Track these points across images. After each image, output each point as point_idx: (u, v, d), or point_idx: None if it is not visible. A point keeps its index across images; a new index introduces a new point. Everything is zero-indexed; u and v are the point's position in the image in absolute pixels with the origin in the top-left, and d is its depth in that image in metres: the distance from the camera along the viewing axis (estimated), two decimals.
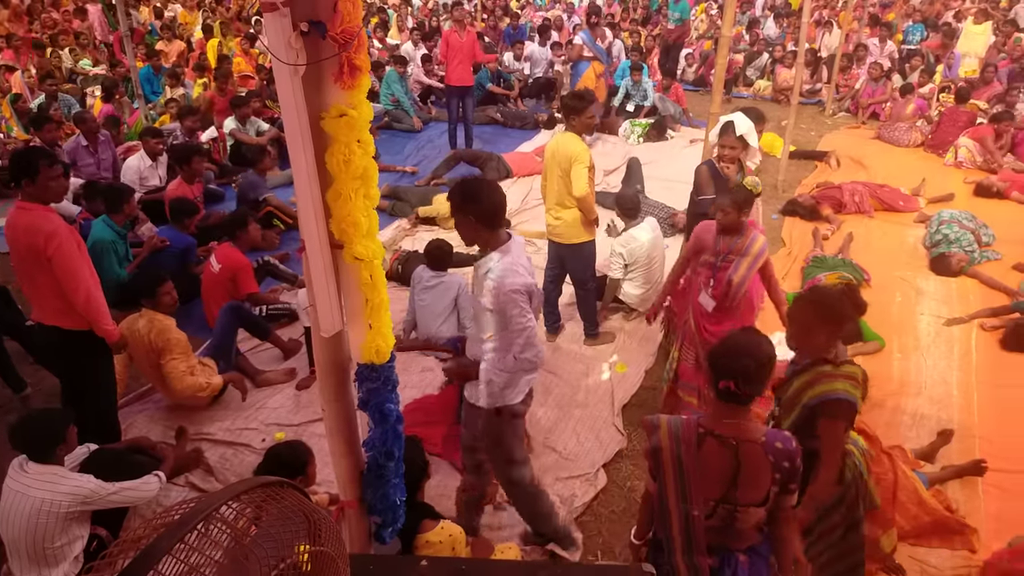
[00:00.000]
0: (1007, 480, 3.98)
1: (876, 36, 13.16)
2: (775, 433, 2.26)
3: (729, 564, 2.38)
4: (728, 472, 2.24)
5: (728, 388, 2.16)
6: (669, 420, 2.35)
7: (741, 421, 2.25)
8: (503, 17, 15.34)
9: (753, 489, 2.24)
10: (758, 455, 2.21)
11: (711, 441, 2.25)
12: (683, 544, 2.35)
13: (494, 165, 8.41)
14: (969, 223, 6.78)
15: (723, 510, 2.29)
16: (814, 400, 2.69)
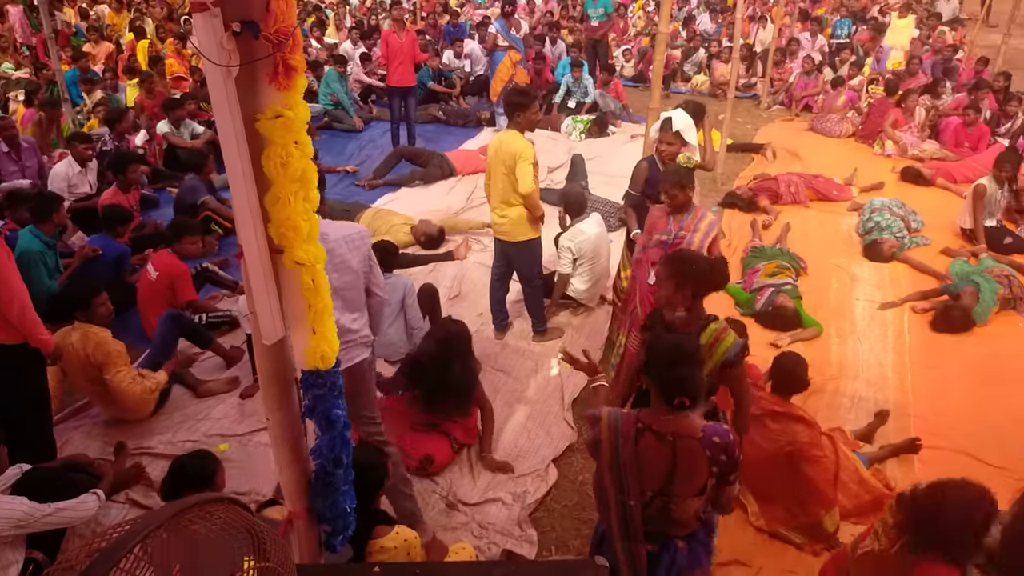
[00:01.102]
0: (940, 456, 4.14)
1: (807, 31, 13.55)
2: (712, 427, 2.30)
3: (668, 550, 2.42)
4: (665, 466, 2.28)
5: (682, 403, 2.25)
6: (610, 413, 2.40)
7: (678, 417, 2.30)
8: (442, 14, 15.26)
9: (690, 482, 2.29)
10: (695, 450, 2.26)
11: (649, 436, 2.30)
12: (621, 532, 2.39)
13: (437, 163, 8.38)
14: (899, 210, 7.04)
15: (660, 501, 2.34)
16: (728, 355, 2.82)
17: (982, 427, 4.42)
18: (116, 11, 14.14)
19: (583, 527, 3.74)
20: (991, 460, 4.12)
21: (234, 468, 3.97)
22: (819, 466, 3.51)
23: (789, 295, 5.58)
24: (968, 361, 5.13)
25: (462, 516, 3.77)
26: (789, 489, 3.55)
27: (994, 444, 4.22)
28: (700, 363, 2.33)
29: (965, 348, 5.31)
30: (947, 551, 2.43)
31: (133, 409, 4.26)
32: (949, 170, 8.49)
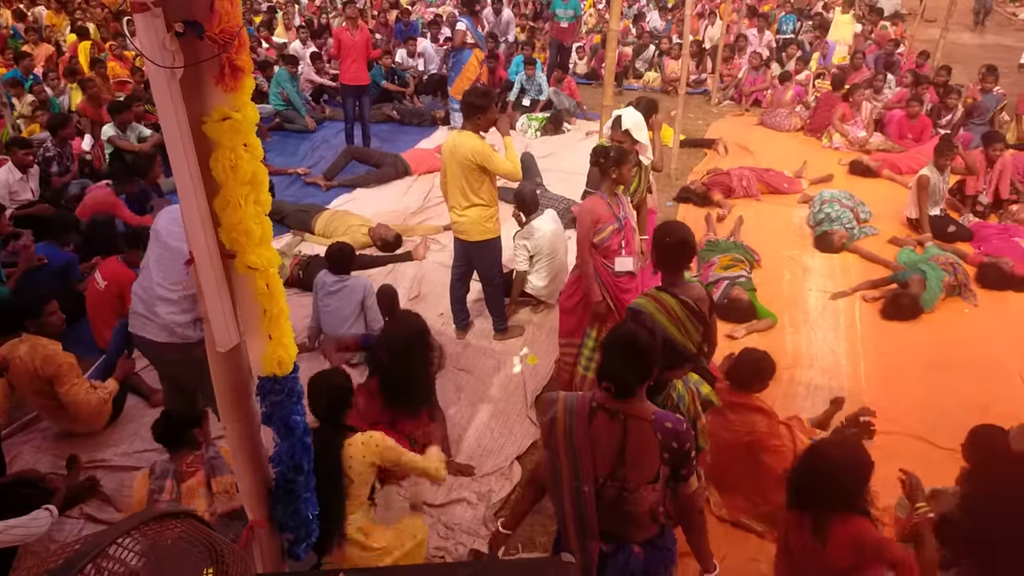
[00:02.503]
0: (892, 441, 4.25)
1: (755, 27, 13.79)
2: (665, 414, 2.32)
3: (623, 552, 2.42)
4: (616, 446, 2.30)
5: (609, 389, 2.29)
6: (566, 395, 2.42)
7: (632, 398, 2.33)
8: (390, 11, 15.13)
9: (641, 467, 2.30)
10: (646, 432, 2.28)
11: (601, 415, 2.32)
12: (576, 526, 2.38)
13: (391, 162, 8.31)
14: (848, 201, 7.21)
15: (612, 487, 2.33)
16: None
17: (933, 412, 4.55)
18: (55, 12, 13.70)
19: (549, 524, 3.74)
20: (943, 443, 4.25)
21: None
22: (778, 455, 3.58)
23: (744, 287, 5.68)
24: (917, 348, 5.29)
25: (427, 517, 3.75)
26: (749, 478, 3.61)
27: (945, 428, 4.35)
28: (644, 357, 2.33)
29: (914, 335, 5.46)
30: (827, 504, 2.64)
31: (87, 421, 4.14)
32: (894, 161, 8.74)
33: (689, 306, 3.19)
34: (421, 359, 3.92)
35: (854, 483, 2.65)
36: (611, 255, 4.06)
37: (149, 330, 3.61)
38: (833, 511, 2.65)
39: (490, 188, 4.69)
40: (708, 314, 3.26)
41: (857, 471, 2.66)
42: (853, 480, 2.65)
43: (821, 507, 2.68)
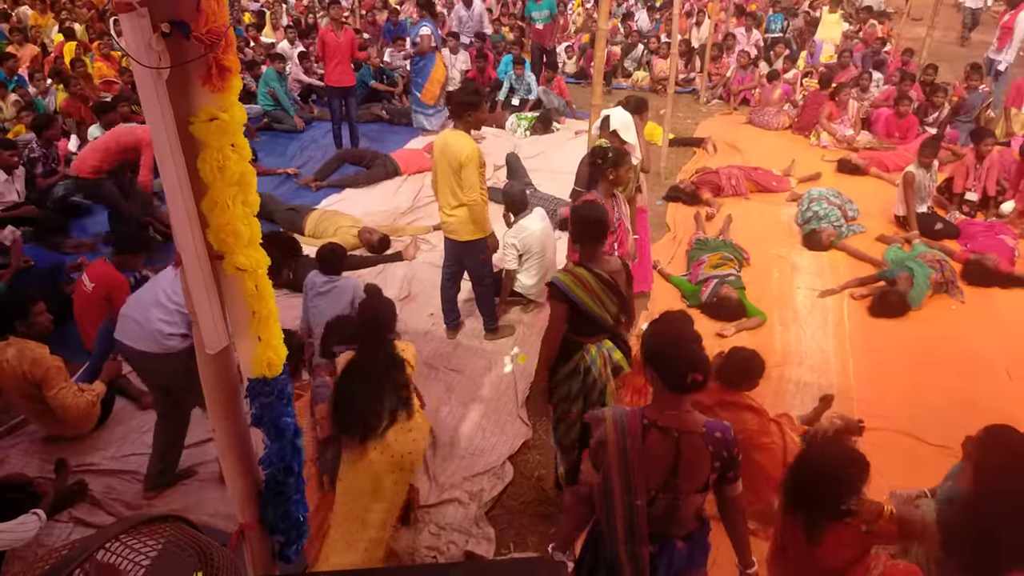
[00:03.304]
0: (882, 437, 4.28)
1: (742, 26, 13.83)
2: (714, 424, 2.34)
3: (667, 550, 2.45)
4: (669, 461, 2.30)
5: (695, 380, 2.23)
6: (613, 413, 2.39)
7: (682, 412, 2.32)
8: (381, 10, 15.09)
9: (693, 478, 2.33)
10: (698, 445, 2.29)
11: (655, 432, 2.31)
12: (626, 535, 2.39)
13: (381, 163, 8.29)
14: (836, 199, 7.24)
15: (664, 498, 2.35)
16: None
17: (922, 408, 4.58)
18: (40, 12, 13.58)
19: (540, 523, 3.76)
20: (932, 440, 4.28)
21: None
22: (769, 453, 3.59)
23: (733, 286, 5.70)
24: (905, 344, 5.32)
25: (424, 515, 3.75)
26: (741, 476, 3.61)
27: (934, 424, 4.38)
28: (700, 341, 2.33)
29: (902, 332, 5.50)
30: (816, 507, 2.66)
31: (76, 424, 4.11)
32: (882, 159, 8.79)
33: (604, 279, 3.39)
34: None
35: (852, 480, 2.67)
36: None
37: (132, 336, 3.62)
38: (828, 513, 2.67)
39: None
40: (624, 286, 3.49)
41: (853, 468, 2.68)
42: (850, 477, 2.67)
43: (816, 509, 2.70)
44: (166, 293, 3.58)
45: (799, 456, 2.89)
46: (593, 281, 3.37)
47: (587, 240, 3.44)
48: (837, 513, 2.68)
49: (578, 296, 3.34)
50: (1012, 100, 9.70)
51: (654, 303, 5.75)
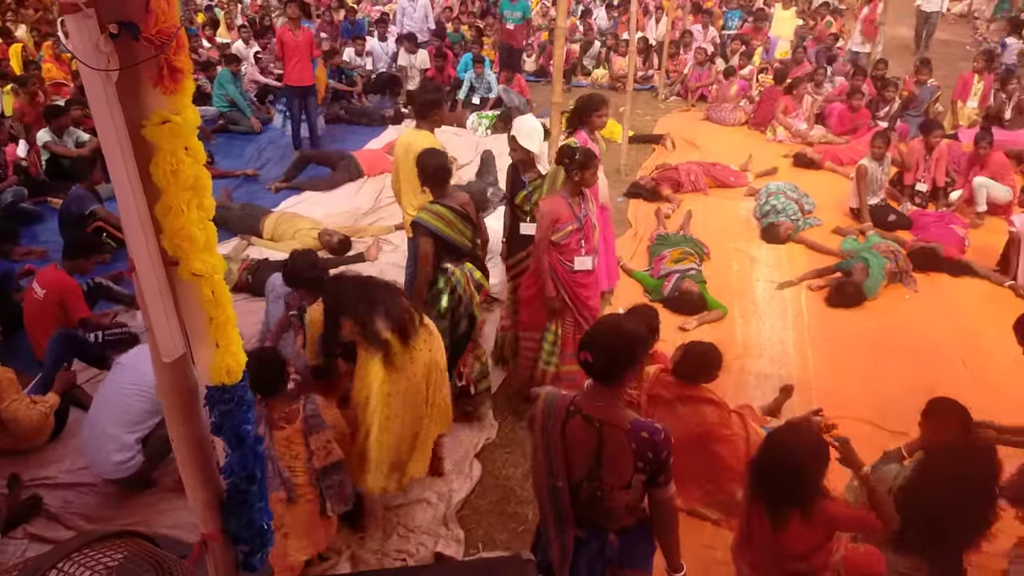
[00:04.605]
0: (842, 426, 4.34)
1: (699, 23, 14.01)
2: (643, 423, 2.33)
3: (597, 539, 2.46)
4: (592, 451, 2.33)
5: (585, 360, 2.28)
6: (548, 393, 2.44)
7: (610, 405, 2.34)
8: (338, 9, 14.95)
9: (616, 472, 2.33)
10: (621, 440, 2.30)
11: (578, 419, 2.34)
12: (552, 513, 2.44)
13: (345, 165, 8.20)
14: (793, 193, 7.38)
15: (589, 487, 2.37)
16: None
17: (879, 396, 4.70)
18: None
19: (509, 522, 3.76)
20: (889, 426, 4.38)
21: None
22: (730, 444, 3.65)
23: (694, 280, 5.77)
24: (862, 334, 5.45)
25: (392, 517, 3.72)
26: (703, 468, 3.67)
27: (891, 411, 4.49)
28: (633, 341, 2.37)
29: (859, 322, 5.62)
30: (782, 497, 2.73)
31: (29, 437, 4.00)
32: (836, 153, 8.98)
33: (458, 211, 4.06)
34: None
35: (815, 470, 2.73)
36: (570, 253, 4.10)
37: (90, 457, 3.76)
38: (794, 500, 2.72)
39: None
40: (474, 215, 4.18)
41: (816, 458, 2.74)
42: (813, 467, 2.72)
43: (782, 496, 2.75)
44: (125, 402, 3.67)
45: (764, 445, 2.94)
46: (449, 214, 4.02)
47: (434, 183, 4.12)
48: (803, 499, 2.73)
49: (439, 228, 3.99)
50: (958, 94, 9.99)
51: (618, 299, 5.78)
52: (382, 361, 3.28)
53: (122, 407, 3.65)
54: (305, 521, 3.24)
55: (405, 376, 3.38)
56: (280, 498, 3.12)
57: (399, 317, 3.33)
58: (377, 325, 3.26)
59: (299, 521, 3.22)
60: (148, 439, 3.71)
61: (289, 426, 3.19)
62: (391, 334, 3.29)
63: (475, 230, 4.19)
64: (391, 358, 3.30)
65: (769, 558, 2.88)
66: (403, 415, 3.42)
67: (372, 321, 3.25)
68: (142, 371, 3.63)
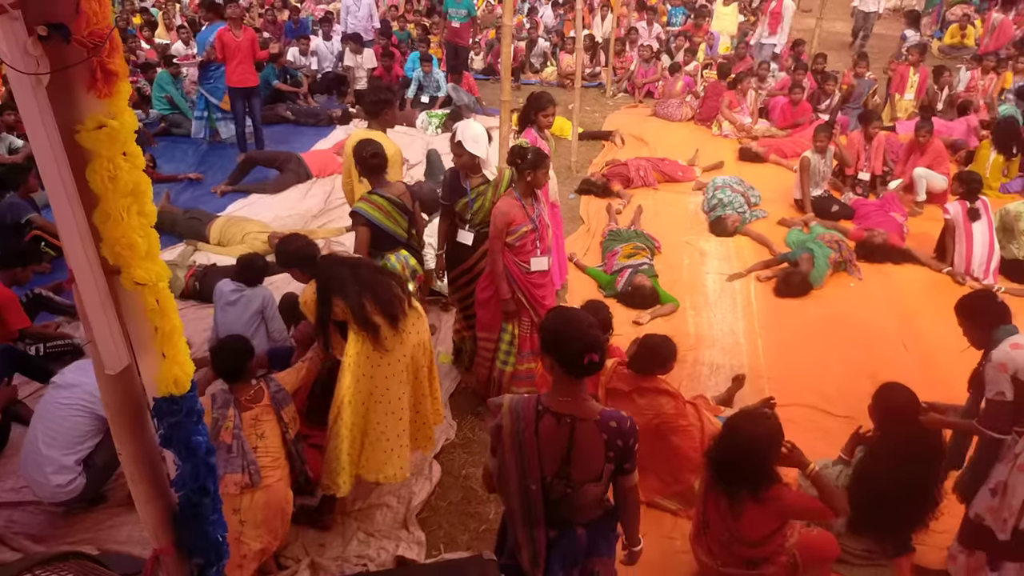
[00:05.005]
0: (791, 412, 4.46)
1: (644, 20, 14.17)
2: (611, 413, 2.36)
3: (567, 535, 2.47)
4: (563, 448, 2.33)
5: (592, 361, 2.24)
6: (511, 399, 2.42)
7: (578, 399, 2.34)
8: (282, 10, 14.69)
9: (587, 466, 2.35)
10: (592, 432, 2.32)
11: (549, 418, 2.34)
12: (523, 517, 2.42)
13: (293, 167, 8.05)
14: (739, 187, 7.53)
15: (560, 485, 2.38)
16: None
17: (827, 383, 4.82)
18: None
19: (470, 521, 3.75)
20: (837, 412, 4.51)
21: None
22: (686, 435, 3.70)
23: (646, 274, 5.84)
24: (810, 322, 5.58)
25: (352, 522, 3.68)
26: (661, 460, 3.71)
27: (839, 397, 4.62)
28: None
29: (806, 311, 5.77)
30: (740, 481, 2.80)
31: None
32: (780, 146, 9.19)
33: (394, 201, 4.21)
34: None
35: (769, 453, 2.81)
36: (525, 255, 4.10)
37: (31, 481, 3.60)
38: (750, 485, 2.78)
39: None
40: (410, 204, 4.32)
41: (770, 441, 2.82)
42: (768, 451, 2.79)
43: (738, 482, 2.80)
44: (62, 423, 3.56)
45: (720, 434, 2.99)
46: (387, 204, 4.19)
47: (371, 172, 4.26)
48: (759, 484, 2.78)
49: (377, 218, 4.15)
50: (895, 87, 10.31)
51: (572, 295, 5.83)
52: (371, 342, 3.37)
53: (60, 428, 3.53)
54: (264, 507, 3.22)
55: (394, 358, 3.45)
56: (240, 482, 3.16)
57: (389, 301, 3.40)
58: (367, 308, 3.34)
59: (258, 508, 3.21)
60: (91, 458, 3.59)
61: (257, 405, 3.31)
62: (380, 317, 3.36)
63: (411, 220, 4.35)
64: (381, 341, 3.37)
65: (726, 545, 2.94)
66: (389, 396, 3.48)
67: (362, 304, 3.34)
68: (81, 388, 3.53)
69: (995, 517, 2.99)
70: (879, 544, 3.44)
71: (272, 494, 3.27)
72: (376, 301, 3.37)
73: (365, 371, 3.42)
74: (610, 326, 4.26)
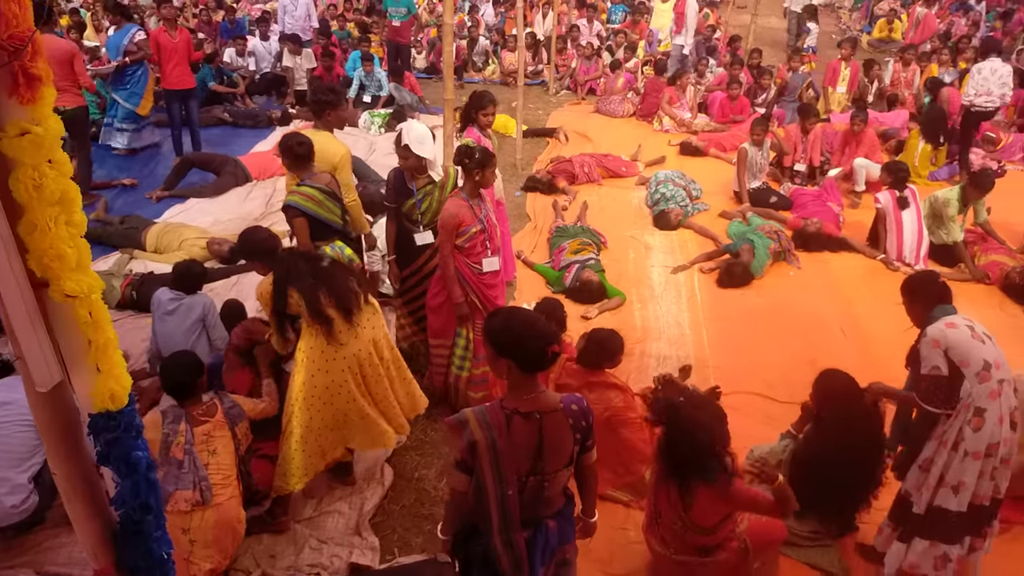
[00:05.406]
0: (738, 400, 4.58)
1: (584, 17, 14.28)
2: (569, 397, 2.42)
3: (540, 532, 2.49)
4: (533, 445, 2.35)
5: (554, 353, 2.29)
6: (475, 412, 2.39)
7: (539, 394, 2.36)
8: (216, 10, 14.34)
9: (558, 455, 2.39)
10: (560, 421, 2.36)
11: (518, 419, 2.34)
12: (500, 525, 2.41)
13: (230, 169, 7.87)
14: (681, 181, 7.66)
15: (533, 482, 2.39)
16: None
17: (770, 370, 4.95)
18: None
19: (424, 523, 3.73)
20: (780, 397, 4.63)
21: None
22: (635, 427, 3.75)
23: (593, 269, 5.90)
24: (752, 312, 5.72)
25: (303, 530, 3.62)
26: (612, 452, 3.75)
27: (781, 383, 4.74)
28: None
29: (748, 300, 5.90)
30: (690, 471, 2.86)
31: None
32: (719, 140, 9.39)
33: (325, 191, 4.22)
34: None
35: (713, 435, 2.85)
36: (476, 256, 4.08)
37: None
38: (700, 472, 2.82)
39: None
40: (339, 192, 4.37)
41: (712, 424, 2.87)
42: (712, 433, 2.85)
43: (689, 469, 2.86)
44: (6, 440, 3.40)
45: (668, 423, 3.03)
46: (319, 194, 4.18)
47: (298, 165, 4.28)
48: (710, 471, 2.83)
49: (310, 208, 4.15)
50: (828, 80, 10.62)
51: (520, 293, 5.85)
52: (324, 335, 3.37)
53: (6, 447, 3.38)
54: (214, 526, 3.17)
55: (349, 352, 3.45)
56: (191, 498, 3.12)
57: (343, 295, 3.40)
58: (321, 301, 3.34)
59: (208, 527, 3.16)
60: (40, 475, 3.45)
61: (210, 420, 3.29)
62: (334, 311, 3.36)
63: (343, 207, 4.37)
64: (334, 334, 3.37)
65: (679, 534, 2.99)
66: (346, 388, 3.48)
67: (316, 296, 3.34)
68: (16, 404, 3.39)
69: (916, 491, 3.12)
70: (824, 525, 3.54)
71: (223, 512, 3.21)
72: (331, 294, 3.37)
73: (320, 366, 3.41)
74: (565, 324, 4.29)
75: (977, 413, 2.96)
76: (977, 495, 3.03)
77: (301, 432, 3.44)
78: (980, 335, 3.04)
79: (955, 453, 3.00)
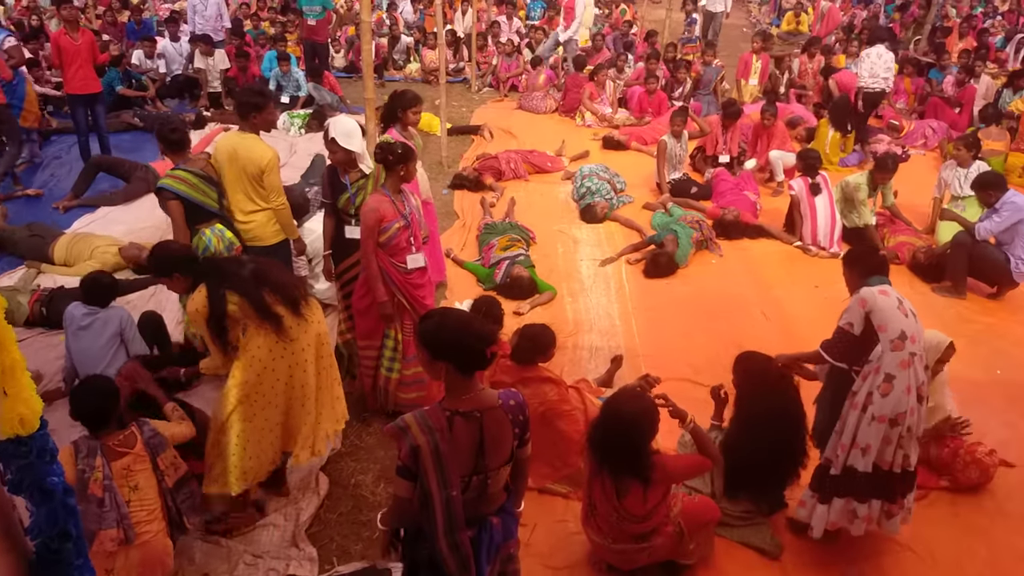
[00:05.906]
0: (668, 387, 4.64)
1: (504, 14, 14.31)
2: (506, 393, 2.43)
3: (485, 530, 2.48)
4: (475, 444, 2.34)
5: (494, 353, 2.31)
6: (415, 416, 2.35)
7: (477, 393, 2.36)
8: (121, 11, 13.74)
9: (499, 452, 2.39)
10: (500, 418, 2.36)
11: (459, 420, 2.32)
12: (445, 527, 2.38)
13: (141, 175, 7.53)
14: (605, 174, 7.78)
15: (476, 481, 2.39)
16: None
17: (697, 355, 5.08)
18: None
19: (363, 530, 3.68)
20: (708, 382, 4.71)
21: None
22: (570, 419, 3.79)
23: (523, 265, 5.93)
24: (678, 300, 5.86)
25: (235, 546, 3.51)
26: (548, 446, 3.78)
27: (708, 368, 4.86)
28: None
29: (674, 289, 6.05)
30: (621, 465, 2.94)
31: None
32: (640, 134, 9.58)
33: (199, 174, 4.30)
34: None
35: (647, 430, 2.92)
36: (400, 254, 4.01)
37: None
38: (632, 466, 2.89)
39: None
40: (215, 175, 4.39)
41: (647, 419, 2.94)
42: (646, 428, 2.91)
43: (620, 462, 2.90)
44: None
45: (599, 416, 3.09)
46: (192, 177, 4.25)
47: (172, 150, 4.39)
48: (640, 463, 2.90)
49: (184, 191, 4.20)
50: (740, 73, 10.96)
51: (451, 291, 5.83)
52: (275, 333, 3.25)
53: None
54: (140, 566, 3.02)
55: (299, 347, 3.35)
56: (116, 537, 2.94)
57: (286, 287, 3.32)
58: (267, 299, 3.22)
59: (133, 566, 3.01)
60: None
61: (130, 451, 3.04)
62: (282, 307, 3.26)
63: (220, 191, 4.39)
64: (285, 330, 3.26)
65: (615, 524, 3.04)
66: (296, 383, 3.40)
67: (261, 295, 3.21)
68: None
69: (833, 455, 3.28)
70: (755, 504, 3.66)
71: (149, 550, 3.03)
72: (275, 291, 3.26)
73: (267, 364, 3.28)
74: (502, 321, 4.29)
75: (887, 379, 3.12)
76: (884, 460, 3.20)
77: (242, 431, 3.29)
78: (906, 309, 3.21)
79: (863, 415, 3.17)
